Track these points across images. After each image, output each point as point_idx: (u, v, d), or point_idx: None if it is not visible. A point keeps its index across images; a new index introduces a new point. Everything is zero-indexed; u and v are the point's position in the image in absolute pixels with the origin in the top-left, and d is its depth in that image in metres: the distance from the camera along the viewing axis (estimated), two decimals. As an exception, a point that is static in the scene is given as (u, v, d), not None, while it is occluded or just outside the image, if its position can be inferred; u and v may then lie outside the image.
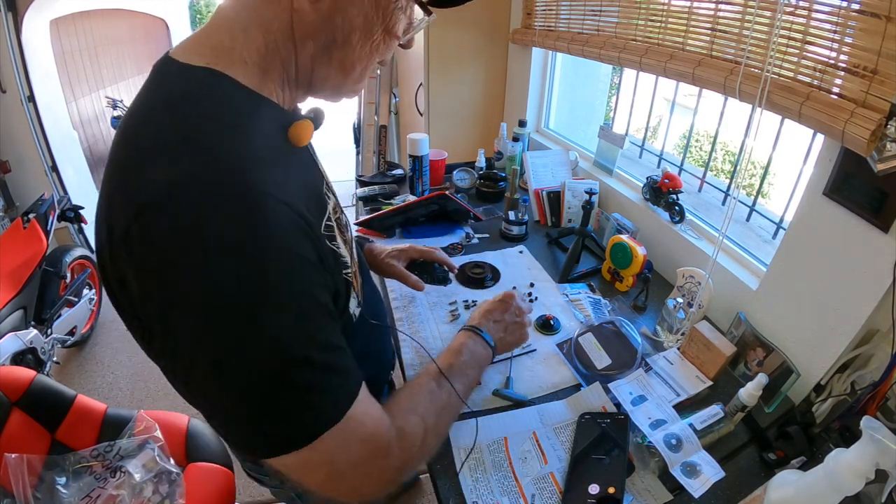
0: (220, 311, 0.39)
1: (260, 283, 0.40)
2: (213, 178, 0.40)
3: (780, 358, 0.87)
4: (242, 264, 0.39)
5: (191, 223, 0.38)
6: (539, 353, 0.99)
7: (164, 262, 0.39)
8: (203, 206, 0.39)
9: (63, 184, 2.92)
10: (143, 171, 0.41)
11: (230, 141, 0.43)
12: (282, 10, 0.46)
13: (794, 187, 1.01)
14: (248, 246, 0.40)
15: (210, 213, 0.39)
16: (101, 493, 1.11)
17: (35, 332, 1.84)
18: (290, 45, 0.48)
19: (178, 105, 0.44)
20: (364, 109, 2.99)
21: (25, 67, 2.61)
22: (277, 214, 0.42)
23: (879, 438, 0.54)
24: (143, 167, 0.41)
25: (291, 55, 0.49)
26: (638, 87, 1.49)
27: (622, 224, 1.31)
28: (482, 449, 0.79)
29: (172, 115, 0.43)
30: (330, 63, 0.50)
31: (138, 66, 5.13)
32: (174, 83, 0.45)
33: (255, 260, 0.40)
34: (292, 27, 0.47)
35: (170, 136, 0.42)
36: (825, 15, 0.75)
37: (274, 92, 0.49)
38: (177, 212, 0.38)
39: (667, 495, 0.72)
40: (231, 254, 0.39)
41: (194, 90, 0.44)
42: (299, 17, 0.46)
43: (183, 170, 0.40)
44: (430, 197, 1.37)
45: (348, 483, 0.49)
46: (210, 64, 0.45)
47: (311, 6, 0.46)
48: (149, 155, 0.42)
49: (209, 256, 0.39)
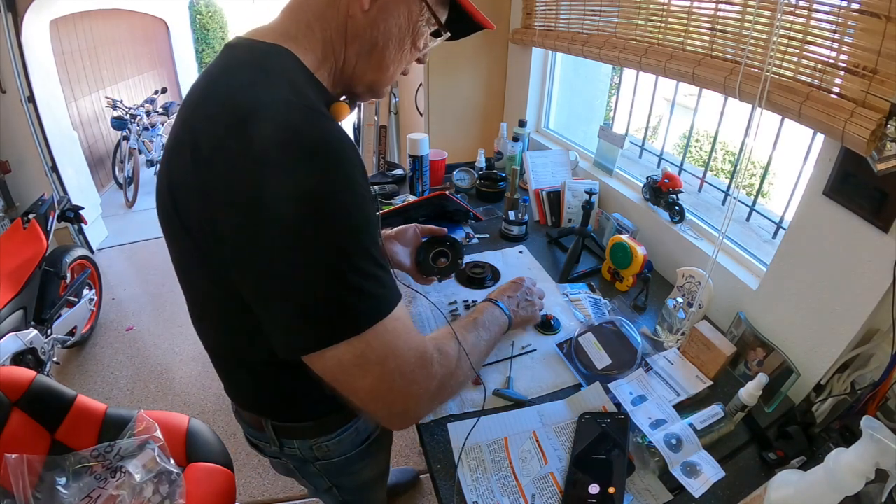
0: (310, 202, 0.45)
1: (344, 185, 0.47)
2: (303, 103, 0.49)
3: (780, 358, 0.87)
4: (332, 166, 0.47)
5: (292, 129, 0.46)
6: (539, 353, 0.99)
7: (264, 159, 0.45)
8: (300, 118, 0.47)
9: (63, 184, 2.93)
10: (236, 97, 0.49)
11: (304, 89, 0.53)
12: (339, 14, 0.57)
13: (793, 187, 1.01)
14: (336, 154, 0.48)
15: (305, 125, 0.47)
16: (101, 494, 1.11)
17: (35, 332, 1.84)
18: (341, 42, 0.59)
19: (258, 59, 0.54)
20: (364, 109, 2.99)
21: (25, 67, 2.61)
22: (350, 142, 0.51)
23: (879, 438, 0.54)
24: (234, 95, 0.49)
25: (342, 50, 0.59)
26: (638, 87, 1.49)
27: (622, 224, 1.31)
28: (482, 449, 0.79)
29: (254, 64, 0.53)
30: (370, 61, 0.61)
31: (138, 67, 5.13)
32: (250, 51, 0.55)
33: (342, 166, 0.48)
34: (346, 28, 0.58)
35: (257, 74, 0.51)
36: (825, 15, 0.75)
37: (324, 77, 0.59)
38: (278, 120, 0.47)
39: (667, 495, 0.72)
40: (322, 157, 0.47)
41: (270, 53, 0.55)
42: (353, 21, 0.57)
43: (277, 94, 0.49)
44: (430, 197, 1.37)
45: (397, 391, 0.53)
46: (279, 42, 0.55)
47: (363, 14, 0.57)
48: (239, 88, 0.50)
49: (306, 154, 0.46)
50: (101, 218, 3.45)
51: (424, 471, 1.70)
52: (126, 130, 3.99)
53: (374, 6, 0.56)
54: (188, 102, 0.55)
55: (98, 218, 3.40)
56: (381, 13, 0.57)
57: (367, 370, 0.51)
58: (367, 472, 0.89)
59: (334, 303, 0.48)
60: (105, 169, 4.32)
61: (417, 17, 0.60)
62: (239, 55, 0.55)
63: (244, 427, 0.81)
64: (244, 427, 0.81)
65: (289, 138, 0.46)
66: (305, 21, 0.57)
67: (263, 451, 0.82)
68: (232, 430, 1.90)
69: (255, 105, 0.47)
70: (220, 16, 7.33)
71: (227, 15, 7.43)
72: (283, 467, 0.86)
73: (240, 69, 0.53)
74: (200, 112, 0.52)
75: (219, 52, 0.58)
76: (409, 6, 0.59)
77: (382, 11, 0.57)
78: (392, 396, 0.53)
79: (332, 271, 0.47)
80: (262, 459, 1.75)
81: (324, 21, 0.57)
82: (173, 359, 2.33)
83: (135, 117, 4.00)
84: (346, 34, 0.58)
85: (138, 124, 4.03)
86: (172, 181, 0.53)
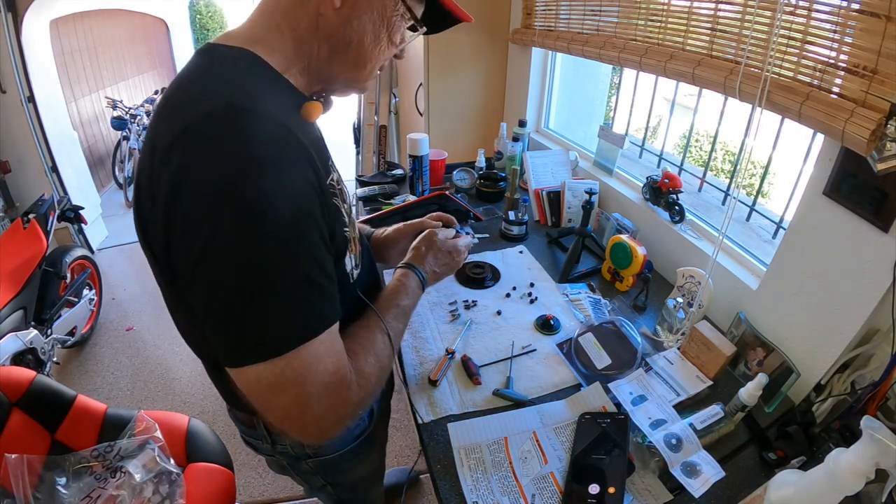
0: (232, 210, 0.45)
1: (271, 195, 0.46)
2: (244, 106, 0.48)
3: (780, 358, 0.87)
4: (259, 175, 0.46)
5: (221, 139, 0.46)
6: (539, 353, 0.99)
7: (192, 169, 0.46)
8: (232, 127, 0.47)
9: (63, 184, 2.92)
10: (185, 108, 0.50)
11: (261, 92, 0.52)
12: (309, 13, 0.56)
13: (794, 187, 1.01)
14: (267, 160, 0.46)
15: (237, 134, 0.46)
16: (101, 494, 1.10)
17: (35, 332, 1.84)
18: (313, 40, 0.58)
19: (217, 67, 0.54)
20: (364, 109, 2.99)
21: (25, 67, 2.61)
22: (292, 144, 0.50)
23: (879, 438, 0.54)
24: (185, 106, 0.50)
25: (314, 49, 0.59)
26: (638, 87, 1.49)
27: (622, 224, 1.31)
28: (482, 449, 0.79)
29: (212, 72, 0.53)
30: (346, 59, 0.60)
31: (138, 67, 5.13)
32: (214, 56, 0.55)
33: (271, 172, 0.46)
34: (317, 28, 0.57)
35: (210, 84, 0.52)
36: (825, 15, 0.75)
37: (294, 77, 0.59)
38: (209, 131, 0.46)
39: (667, 495, 0.72)
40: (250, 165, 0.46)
41: (233, 56, 0.55)
42: (324, 20, 0.57)
43: (214, 104, 0.48)
44: (429, 197, 1.37)
45: (311, 414, 0.52)
46: (245, 46, 0.55)
47: (334, 12, 0.56)
48: (190, 98, 0.51)
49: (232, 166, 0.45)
50: (101, 218, 3.45)
51: (424, 471, 1.70)
52: (126, 130, 3.99)
53: (345, 4, 0.56)
54: (157, 107, 0.55)
55: (98, 218, 3.40)
56: (353, 10, 0.57)
57: (285, 390, 0.49)
58: (359, 469, 0.89)
59: (254, 322, 0.47)
60: (105, 169, 4.32)
61: (392, 12, 0.59)
62: (208, 59, 0.55)
63: (238, 426, 0.82)
64: (238, 426, 0.82)
65: (200, 156, 0.46)
66: (275, 22, 0.57)
67: (258, 449, 0.82)
68: (232, 430, 1.88)
69: (185, 121, 0.47)
70: (220, 16, 7.34)
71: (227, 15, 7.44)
72: (277, 465, 0.87)
73: (203, 74, 0.54)
74: (160, 119, 0.52)
75: (191, 57, 0.57)
76: (383, 1, 0.58)
77: (354, 9, 0.57)
78: (306, 418, 0.52)
79: (249, 289, 0.46)
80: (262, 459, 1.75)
81: (293, 21, 0.57)
82: (173, 359, 2.33)
83: (135, 117, 4.00)
84: (317, 33, 0.57)
85: (138, 124, 4.03)
86: (139, 186, 0.53)
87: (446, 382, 0.92)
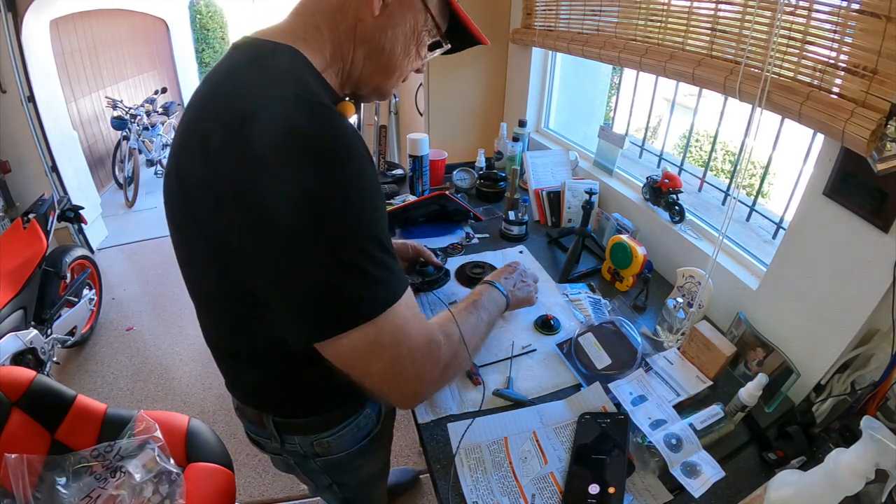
0: (313, 199, 0.46)
1: (352, 176, 0.49)
2: (310, 98, 0.50)
3: (780, 358, 0.87)
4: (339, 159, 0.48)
5: (292, 127, 0.47)
6: (539, 353, 0.99)
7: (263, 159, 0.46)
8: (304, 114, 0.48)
9: (63, 184, 2.93)
10: (252, 90, 0.50)
11: (315, 86, 0.54)
12: (348, 17, 0.59)
13: (794, 187, 1.01)
14: (343, 147, 0.49)
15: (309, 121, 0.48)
16: (101, 494, 1.11)
17: (35, 332, 1.84)
18: (350, 44, 0.60)
19: (263, 58, 0.55)
20: (364, 109, 2.98)
21: (25, 67, 2.61)
22: (357, 134, 0.52)
23: (879, 438, 0.54)
24: (250, 89, 0.51)
25: (349, 52, 0.61)
26: (638, 87, 1.49)
27: (622, 224, 1.31)
28: (482, 449, 0.79)
29: (257, 62, 0.54)
30: (377, 65, 0.63)
31: (138, 67, 5.13)
32: (254, 50, 0.56)
33: (350, 158, 0.49)
34: (355, 32, 0.60)
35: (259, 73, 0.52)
36: (825, 15, 0.75)
37: (331, 78, 0.61)
38: (277, 118, 0.47)
39: (667, 495, 0.72)
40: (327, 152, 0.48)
41: (276, 51, 0.56)
42: (362, 25, 0.59)
43: (282, 91, 0.50)
44: (430, 197, 1.37)
45: (407, 374, 0.55)
46: (286, 42, 0.56)
47: (373, 19, 0.59)
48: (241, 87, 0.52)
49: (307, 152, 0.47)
50: (101, 218, 3.45)
51: (424, 471, 1.70)
52: (126, 130, 3.99)
53: (384, 12, 0.59)
54: (196, 100, 0.56)
55: (98, 218, 3.40)
56: (389, 19, 0.60)
57: (380, 355, 0.52)
58: (367, 468, 0.89)
59: (347, 291, 0.49)
60: (105, 169, 4.32)
61: (422, 26, 0.63)
62: (244, 54, 0.56)
63: (245, 423, 0.81)
64: (245, 423, 0.81)
65: (288, 136, 0.47)
66: (314, 23, 0.59)
67: (264, 448, 0.82)
68: (232, 430, 1.90)
69: (255, 104, 0.48)
70: (220, 16, 7.33)
71: (227, 15, 7.43)
72: (283, 464, 0.86)
73: (243, 68, 0.55)
74: (208, 111, 0.53)
75: (226, 52, 0.59)
76: (416, 15, 0.62)
77: (391, 18, 0.60)
78: (403, 379, 0.55)
79: (341, 262, 0.49)
80: (262, 459, 1.76)
81: (333, 24, 0.59)
82: (173, 359, 2.33)
83: (135, 117, 4.00)
84: (354, 37, 0.60)
85: (138, 124, 4.03)
86: (183, 177, 0.54)
87: (446, 382, 0.92)
